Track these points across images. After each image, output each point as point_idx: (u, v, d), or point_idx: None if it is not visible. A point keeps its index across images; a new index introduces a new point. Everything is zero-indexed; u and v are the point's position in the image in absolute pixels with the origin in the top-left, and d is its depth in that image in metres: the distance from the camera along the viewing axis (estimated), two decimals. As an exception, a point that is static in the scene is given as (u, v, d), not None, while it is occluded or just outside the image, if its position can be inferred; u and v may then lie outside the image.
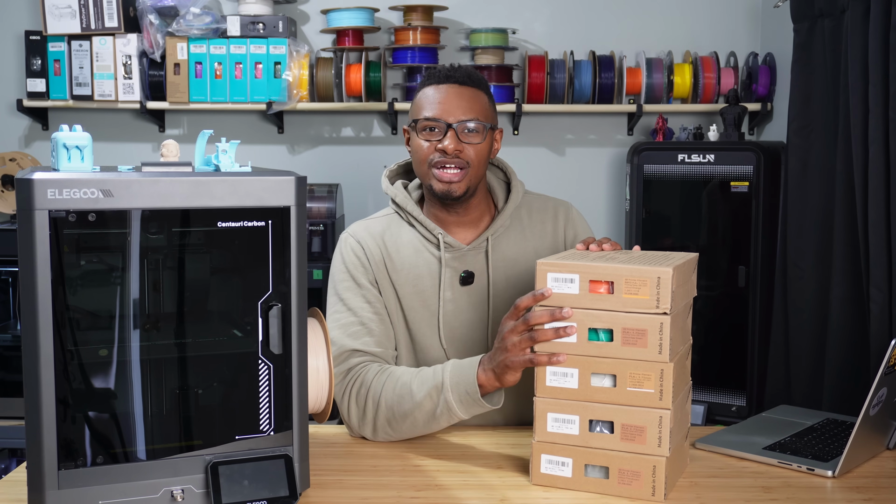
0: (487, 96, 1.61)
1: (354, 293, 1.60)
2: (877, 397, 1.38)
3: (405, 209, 1.64)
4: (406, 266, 1.61)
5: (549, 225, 1.68)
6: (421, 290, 1.61)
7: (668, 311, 1.25)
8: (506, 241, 1.64)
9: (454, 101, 1.56)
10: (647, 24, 3.20)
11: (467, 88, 1.58)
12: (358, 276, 1.61)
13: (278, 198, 1.20)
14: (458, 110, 1.56)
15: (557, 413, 1.32)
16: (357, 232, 1.65)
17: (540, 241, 1.66)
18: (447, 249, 1.61)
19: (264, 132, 3.26)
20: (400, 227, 1.65)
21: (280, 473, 1.22)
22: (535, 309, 1.32)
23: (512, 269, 1.63)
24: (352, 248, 1.63)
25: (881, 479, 1.38)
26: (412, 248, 1.62)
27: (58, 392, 1.13)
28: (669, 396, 1.26)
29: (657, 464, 1.27)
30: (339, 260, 1.64)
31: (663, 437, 1.27)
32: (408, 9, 3.06)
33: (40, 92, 3.05)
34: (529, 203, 1.70)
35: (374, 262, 1.61)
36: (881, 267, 2.02)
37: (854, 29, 2.14)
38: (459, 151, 1.55)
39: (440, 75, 1.59)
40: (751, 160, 2.72)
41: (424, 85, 1.61)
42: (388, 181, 1.69)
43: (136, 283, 1.17)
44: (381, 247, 1.62)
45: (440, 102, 1.56)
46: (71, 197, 1.11)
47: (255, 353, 1.22)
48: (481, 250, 1.62)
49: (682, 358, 1.33)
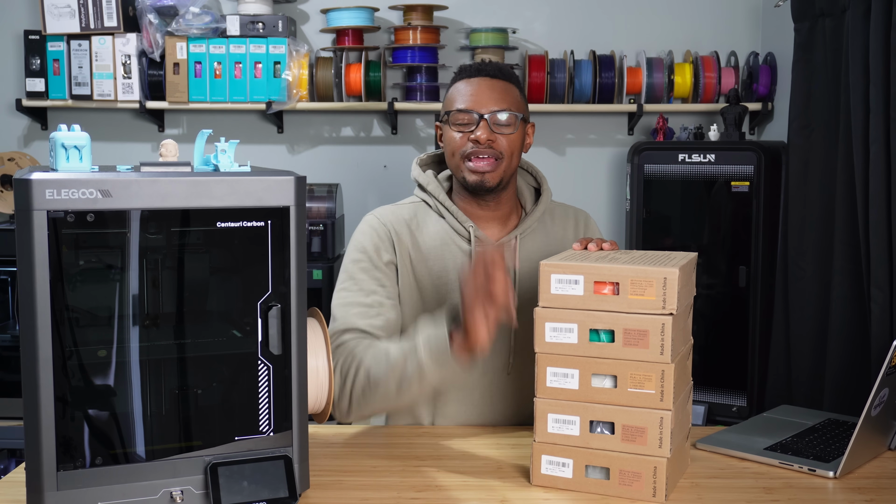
0: (519, 90, 1.63)
1: (369, 274, 1.58)
2: (878, 398, 1.38)
3: (437, 198, 1.63)
4: (432, 257, 1.60)
5: (571, 232, 1.70)
6: (445, 282, 1.60)
7: (675, 311, 1.25)
8: (531, 242, 1.65)
9: (486, 92, 1.57)
10: (647, 24, 3.20)
11: (499, 81, 1.59)
12: (375, 258, 1.58)
13: (278, 198, 1.20)
14: (490, 101, 1.57)
15: (558, 414, 1.32)
16: (384, 215, 1.64)
17: (560, 245, 1.66)
18: (477, 244, 1.60)
19: (264, 132, 3.25)
20: (427, 215, 1.64)
21: (280, 474, 1.22)
22: None
23: (535, 269, 1.62)
24: (375, 229, 1.61)
25: (883, 480, 1.38)
26: (439, 240, 1.61)
27: (57, 392, 1.13)
28: (670, 397, 1.26)
29: (658, 465, 1.26)
30: (358, 239, 1.62)
31: (664, 438, 1.26)
32: (408, 8, 3.06)
33: (39, 91, 3.05)
34: (554, 209, 1.72)
35: (399, 245, 1.60)
36: (882, 267, 2.01)
37: (855, 28, 2.14)
38: (492, 142, 1.55)
39: (472, 69, 1.61)
40: (751, 160, 2.72)
41: (456, 80, 1.63)
42: (419, 168, 1.68)
43: (135, 284, 1.17)
44: (407, 233, 1.61)
45: (472, 94, 1.57)
46: (69, 197, 1.10)
47: (255, 353, 1.22)
48: (509, 247, 1.63)
49: (682, 358, 1.33)
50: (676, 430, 1.30)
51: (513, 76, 1.63)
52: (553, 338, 1.31)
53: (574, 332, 1.30)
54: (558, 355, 1.31)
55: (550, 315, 1.31)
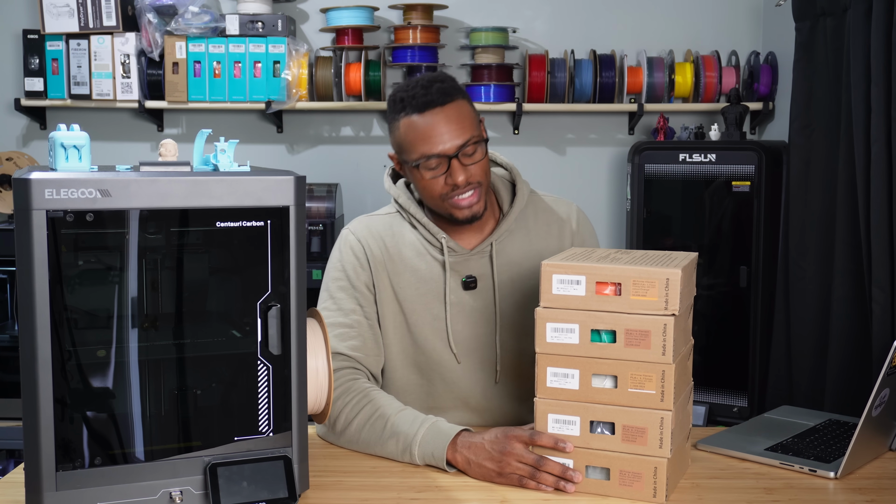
0: (466, 100, 1.54)
1: (348, 293, 1.57)
2: (879, 398, 1.37)
3: (408, 211, 1.60)
4: (409, 269, 1.58)
5: (555, 227, 1.65)
6: (423, 293, 1.58)
7: (677, 312, 1.25)
8: (511, 245, 1.61)
9: (444, 127, 1.48)
10: (648, 23, 3.20)
11: (450, 106, 1.49)
12: (354, 278, 1.58)
13: (277, 197, 1.19)
14: (454, 135, 1.48)
15: (558, 414, 1.31)
16: (359, 230, 1.62)
17: (545, 242, 1.63)
18: (450, 254, 1.58)
19: (263, 131, 3.25)
20: (402, 226, 1.62)
21: (279, 475, 1.21)
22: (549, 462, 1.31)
23: (517, 272, 1.60)
24: (352, 248, 1.59)
25: (884, 481, 1.37)
26: (415, 251, 1.59)
27: (56, 393, 1.12)
28: (671, 398, 1.26)
29: (658, 465, 1.26)
30: (336, 257, 1.61)
31: (664, 439, 1.26)
32: (407, 7, 3.05)
33: (38, 91, 3.04)
34: (535, 203, 1.66)
35: (374, 263, 1.58)
36: (883, 267, 2.01)
37: (856, 28, 2.14)
38: (469, 176, 1.51)
39: (416, 103, 1.49)
40: (752, 160, 2.71)
41: (403, 114, 1.50)
42: (390, 180, 1.65)
43: (135, 284, 1.16)
44: (382, 248, 1.59)
45: (432, 136, 1.48)
46: (69, 197, 1.10)
47: (254, 353, 1.22)
48: (485, 255, 1.59)
49: (683, 359, 1.33)
50: (677, 430, 1.30)
51: (456, 89, 1.52)
52: (554, 338, 1.31)
53: (575, 333, 1.29)
54: (559, 356, 1.31)
55: (552, 315, 1.31)
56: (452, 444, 1.37)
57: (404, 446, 1.41)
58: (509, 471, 1.32)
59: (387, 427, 1.43)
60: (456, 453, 1.37)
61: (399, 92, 1.53)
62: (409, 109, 1.50)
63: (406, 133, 1.51)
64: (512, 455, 1.32)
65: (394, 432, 1.42)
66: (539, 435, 1.33)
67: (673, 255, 1.37)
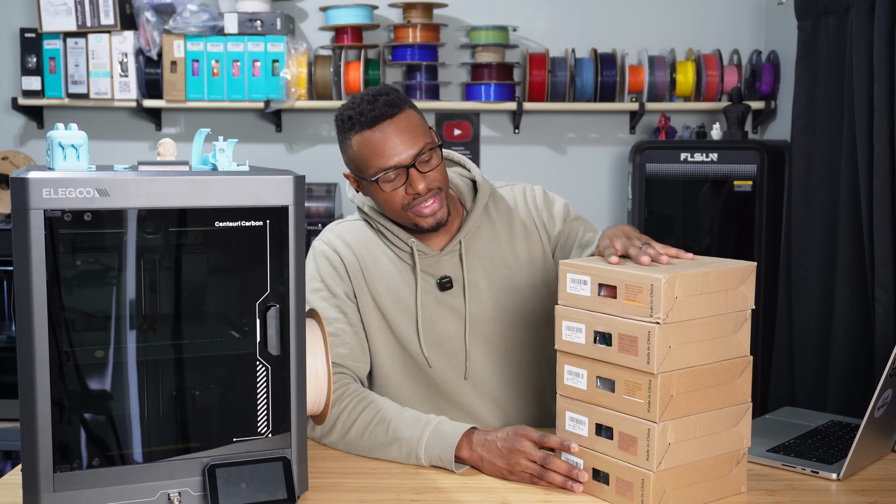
0: (414, 109, 1.52)
1: (329, 303, 1.56)
2: (882, 399, 1.37)
3: (375, 220, 1.59)
4: (384, 275, 1.58)
5: (518, 217, 1.64)
6: (401, 297, 1.58)
7: (662, 320, 1.20)
8: (478, 240, 1.61)
9: (396, 138, 1.47)
10: (649, 22, 3.19)
11: (399, 118, 1.48)
12: (334, 287, 1.57)
13: (276, 197, 1.19)
14: (406, 145, 1.47)
15: (573, 413, 1.31)
16: (331, 240, 1.60)
17: (510, 235, 1.63)
18: (421, 257, 1.58)
19: (262, 131, 3.24)
20: (373, 232, 1.61)
21: (278, 476, 1.21)
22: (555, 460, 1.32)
23: (489, 266, 1.61)
24: (327, 258, 1.58)
25: (886, 482, 1.37)
26: (387, 257, 1.59)
27: (53, 394, 1.12)
28: (658, 409, 1.21)
29: (645, 478, 1.23)
30: (312, 268, 1.59)
31: (651, 451, 1.22)
32: (407, 6, 3.04)
33: (35, 90, 3.03)
34: (495, 196, 1.65)
35: (351, 272, 1.58)
36: (886, 267, 2.01)
37: (859, 26, 2.13)
38: (429, 182, 1.50)
39: (365, 119, 1.47)
40: (754, 159, 2.71)
41: (353, 132, 1.49)
42: (353, 189, 1.63)
43: (133, 284, 1.16)
44: (356, 256, 1.59)
45: (386, 149, 1.47)
46: (66, 196, 1.10)
47: (253, 354, 1.21)
48: (455, 253, 1.59)
49: (695, 375, 1.25)
50: (685, 447, 1.24)
51: (402, 99, 1.51)
52: (568, 336, 1.30)
53: (582, 333, 1.28)
54: (572, 354, 1.31)
55: (566, 314, 1.31)
56: (468, 443, 1.38)
57: (408, 451, 1.41)
58: (519, 469, 1.34)
59: (389, 432, 1.43)
60: (472, 451, 1.38)
61: (345, 111, 1.51)
62: (359, 126, 1.48)
63: (359, 150, 1.49)
64: (521, 453, 1.34)
65: (396, 437, 1.42)
66: (547, 436, 1.34)
67: (718, 261, 1.30)
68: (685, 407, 1.24)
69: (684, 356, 1.23)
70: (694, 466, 1.26)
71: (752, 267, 1.30)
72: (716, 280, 1.25)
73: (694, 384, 1.25)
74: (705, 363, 1.26)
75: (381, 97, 1.49)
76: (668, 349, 1.21)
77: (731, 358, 1.29)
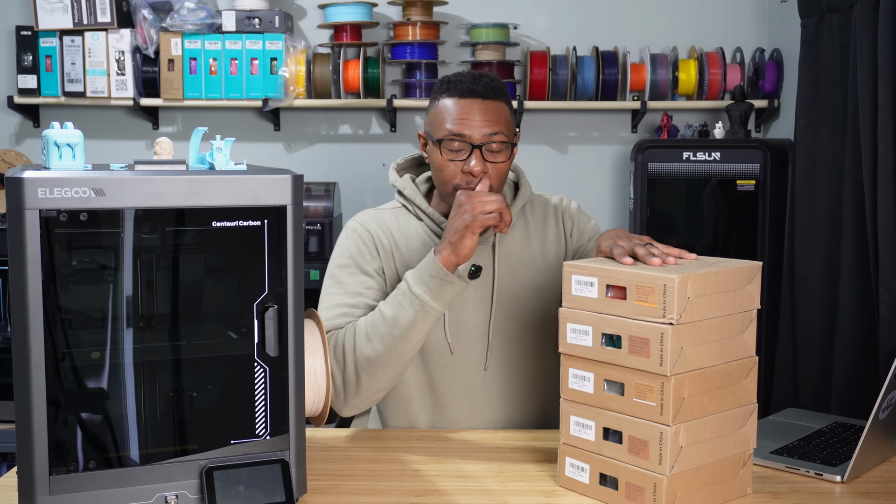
0: (509, 106, 1.59)
1: (355, 279, 1.59)
2: (886, 400, 1.36)
3: (413, 202, 1.64)
4: (416, 259, 1.60)
5: (552, 221, 1.70)
6: None
7: (675, 320, 1.19)
8: (511, 238, 1.65)
9: (478, 117, 1.52)
10: (651, 20, 3.18)
11: (491, 102, 1.54)
12: (363, 264, 1.60)
13: (274, 197, 1.18)
14: (484, 127, 1.52)
15: (578, 417, 1.30)
16: (366, 221, 1.65)
17: (542, 237, 1.68)
18: None
19: (260, 129, 3.23)
20: (408, 219, 1.65)
21: (276, 478, 1.20)
22: None
23: (517, 263, 1.64)
24: (360, 236, 1.62)
25: (891, 485, 1.36)
26: (421, 242, 1.62)
27: (49, 395, 1.11)
28: (671, 412, 1.20)
29: (658, 482, 1.21)
30: (344, 245, 1.63)
31: (664, 455, 1.20)
32: (407, 4, 3.03)
33: (31, 88, 3.02)
34: (532, 201, 1.72)
35: (383, 251, 1.61)
36: (890, 267, 1.99)
37: (863, 24, 2.12)
38: (484, 173, 1.53)
39: (462, 88, 1.54)
40: (757, 158, 2.70)
41: (444, 94, 1.56)
42: (396, 174, 1.69)
43: (129, 284, 1.15)
44: (390, 238, 1.63)
45: (464, 119, 1.52)
46: (62, 196, 1.09)
47: (251, 355, 1.21)
48: (488, 244, 1.62)
49: (706, 376, 1.24)
50: (696, 450, 1.23)
51: (503, 92, 1.57)
52: (573, 339, 1.29)
53: (589, 335, 1.27)
54: (577, 357, 1.29)
55: (571, 316, 1.29)
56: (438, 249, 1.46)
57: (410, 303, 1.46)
58: (476, 211, 1.43)
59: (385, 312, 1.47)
60: (443, 245, 1.46)
61: (449, 76, 1.58)
62: (454, 91, 1.55)
63: (442, 109, 1.55)
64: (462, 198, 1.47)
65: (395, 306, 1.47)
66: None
67: (723, 261, 1.29)
68: (696, 409, 1.23)
69: (696, 357, 1.22)
70: (704, 469, 1.25)
71: (759, 266, 1.30)
72: (725, 280, 1.25)
73: (704, 385, 1.24)
74: (715, 364, 1.25)
75: (484, 79, 1.56)
76: (680, 350, 1.20)
77: (739, 358, 1.28)
